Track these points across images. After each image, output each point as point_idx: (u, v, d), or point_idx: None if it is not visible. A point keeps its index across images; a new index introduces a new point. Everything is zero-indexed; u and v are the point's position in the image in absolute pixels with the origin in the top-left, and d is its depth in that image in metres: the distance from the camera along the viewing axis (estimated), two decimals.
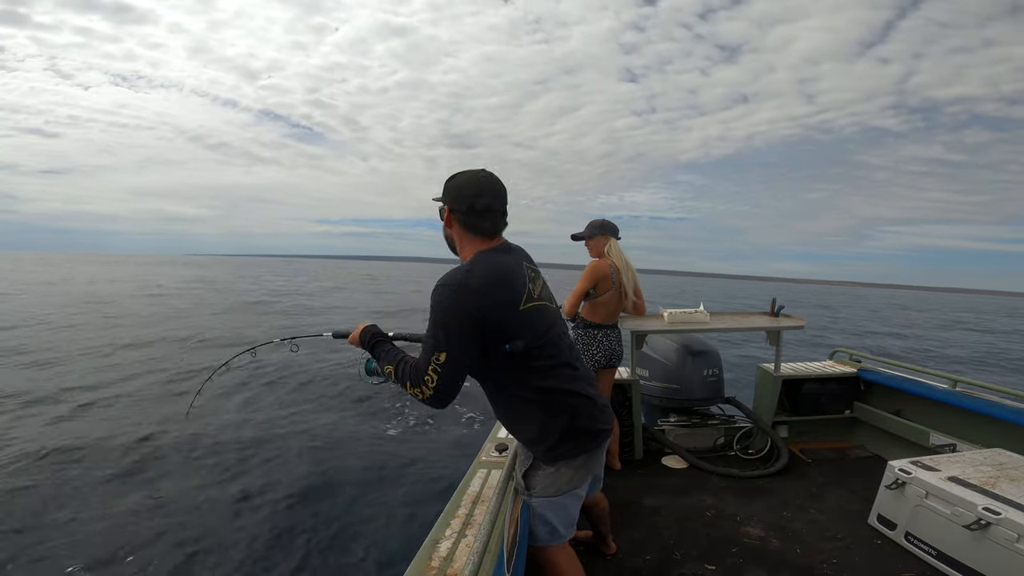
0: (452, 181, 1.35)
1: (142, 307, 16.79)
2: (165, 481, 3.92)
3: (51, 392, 6.19)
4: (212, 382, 2.04)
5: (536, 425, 1.35)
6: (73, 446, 4.44)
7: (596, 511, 2.06)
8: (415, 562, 1.15)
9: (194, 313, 15.48)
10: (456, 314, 1.19)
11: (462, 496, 1.49)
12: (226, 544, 3.12)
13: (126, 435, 4.73)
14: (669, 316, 3.16)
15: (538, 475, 1.41)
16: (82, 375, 7.15)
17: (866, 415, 3.42)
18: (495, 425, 2.15)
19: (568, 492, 1.41)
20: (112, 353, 8.71)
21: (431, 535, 1.27)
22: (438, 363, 1.19)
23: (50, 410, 5.52)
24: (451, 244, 1.42)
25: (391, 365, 1.32)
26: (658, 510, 2.60)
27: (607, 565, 2.15)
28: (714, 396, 3.53)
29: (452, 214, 1.35)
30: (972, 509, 1.94)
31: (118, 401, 5.95)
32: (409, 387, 1.25)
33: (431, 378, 1.20)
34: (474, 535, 1.24)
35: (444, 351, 1.19)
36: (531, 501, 1.44)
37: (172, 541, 3.12)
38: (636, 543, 2.30)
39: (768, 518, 2.52)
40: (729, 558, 2.19)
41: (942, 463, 2.30)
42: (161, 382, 6.91)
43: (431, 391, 1.21)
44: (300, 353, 7.10)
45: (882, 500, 2.38)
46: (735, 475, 2.99)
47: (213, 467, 4.17)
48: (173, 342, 9.99)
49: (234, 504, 3.58)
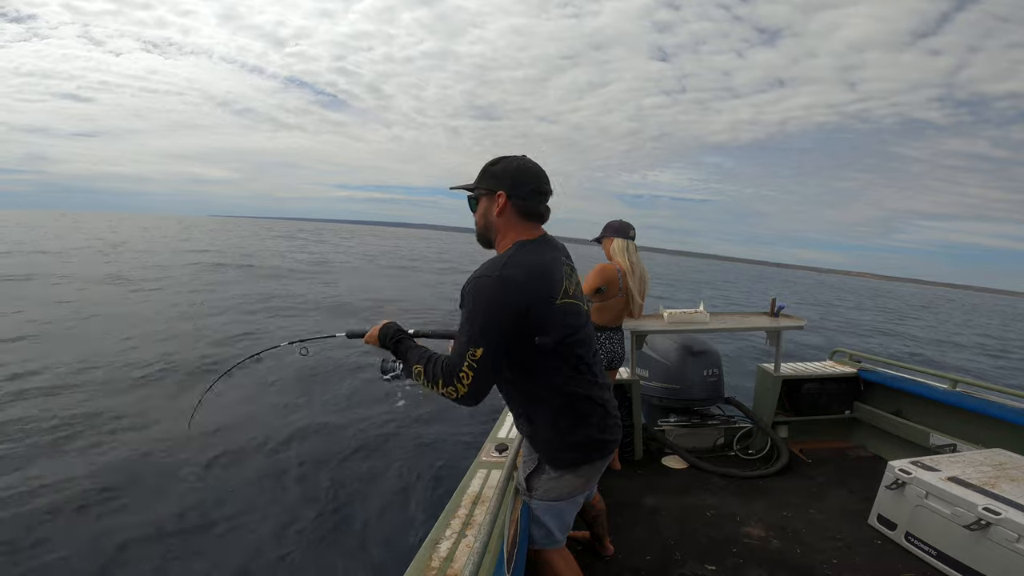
0: (502, 166, 1.29)
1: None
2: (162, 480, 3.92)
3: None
4: (213, 391, 1.98)
5: (549, 427, 1.31)
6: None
7: (593, 512, 2.05)
8: (415, 562, 1.15)
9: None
10: (496, 308, 1.14)
11: (462, 496, 1.49)
12: (226, 544, 3.11)
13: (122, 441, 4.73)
14: (669, 316, 3.16)
15: (541, 478, 1.39)
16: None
17: (866, 415, 3.42)
18: (495, 425, 2.15)
19: (567, 499, 1.41)
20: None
21: (431, 535, 1.27)
22: (474, 359, 1.14)
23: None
24: (486, 234, 1.35)
25: (419, 364, 1.24)
26: (658, 510, 2.60)
27: (607, 565, 2.15)
28: (714, 396, 3.53)
29: (510, 200, 1.27)
30: (972, 509, 1.94)
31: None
32: (441, 386, 1.18)
33: (466, 375, 1.14)
34: (474, 535, 1.24)
35: (481, 347, 1.13)
36: (530, 503, 1.44)
37: (170, 540, 3.12)
38: (636, 543, 2.30)
39: (768, 518, 2.52)
40: (729, 558, 2.19)
41: (942, 463, 2.30)
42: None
43: (466, 389, 1.15)
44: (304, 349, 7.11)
45: (882, 500, 2.38)
46: (735, 475, 2.99)
47: (213, 468, 4.17)
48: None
49: (234, 504, 3.58)
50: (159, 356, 6.81)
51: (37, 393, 5.24)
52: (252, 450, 4.54)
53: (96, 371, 6.10)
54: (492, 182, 1.29)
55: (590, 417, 1.31)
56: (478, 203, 1.33)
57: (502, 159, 1.31)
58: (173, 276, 15.31)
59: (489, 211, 1.31)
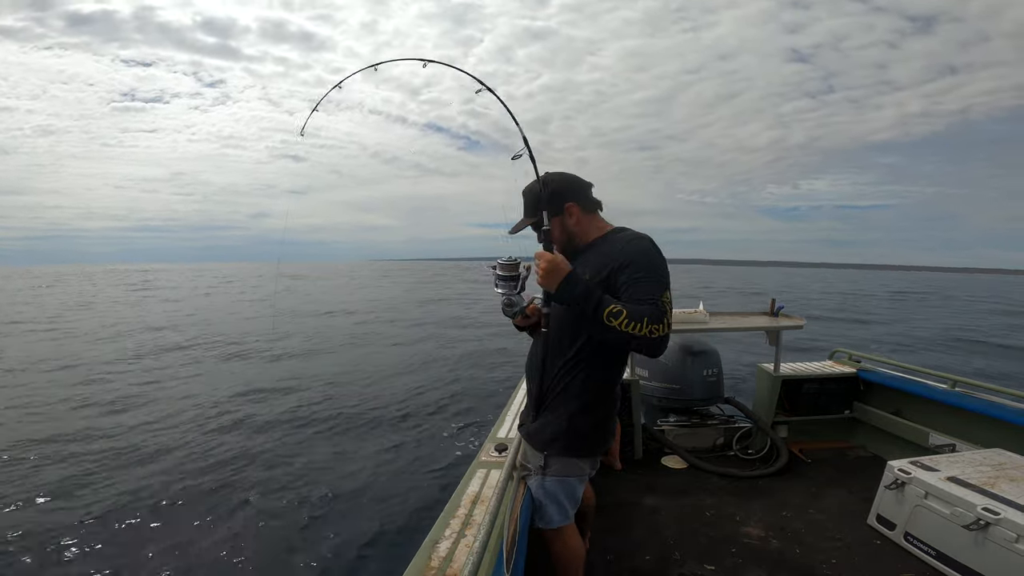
0: (555, 185, 1.42)
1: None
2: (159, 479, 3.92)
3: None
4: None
5: (601, 410, 1.46)
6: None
7: (582, 507, 2.07)
8: (415, 562, 1.15)
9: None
10: (663, 260, 1.31)
11: (462, 496, 1.49)
12: (226, 544, 3.12)
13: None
14: None
15: (560, 460, 1.46)
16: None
17: (866, 415, 3.42)
18: (495, 425, 2.15)
19: (579, 475, 1.50)
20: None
21: (431, 535, 1.27)
22: (667, 301, 1.24)
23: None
24: (571, 244, 1.46)
25: (616, 305, 1.20)
26: (658, 510, 2.60)
27: (607, 565, 2.15)
28: (714, 396, 3.54)
29: (578, 205, 1.43)
30: (971, 509, 1.94)
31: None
32: (646, 324, 1.17)
33: (668, 314, 1.23)
34: (474, 535, 1.24)
35: (667, 289, 1.26)
36: (544, 482, 1.47)
37: (167, 540, 3.12)
38: (636, 543, 2.30)
39: (768, 518, 2.52)
40: (729, 558, 2.19)
41: (941, 463, 2.30)
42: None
43: (668, 328, 1.22)
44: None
45: (882, 500, 2.38)
46: (735, 475, 2.99)
47: (213, 467, 4.17)
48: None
49: (234, 504, 3.58)
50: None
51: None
52: (251, 451, 4.54)
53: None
54: (556, 200, 1.41)
55: (614, 409, 1.52)
56: (547, 226, 1.39)
57: (545, 181, 1.42)
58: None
59: (565, 224, 1.44)
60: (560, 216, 1.42)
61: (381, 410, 5.89)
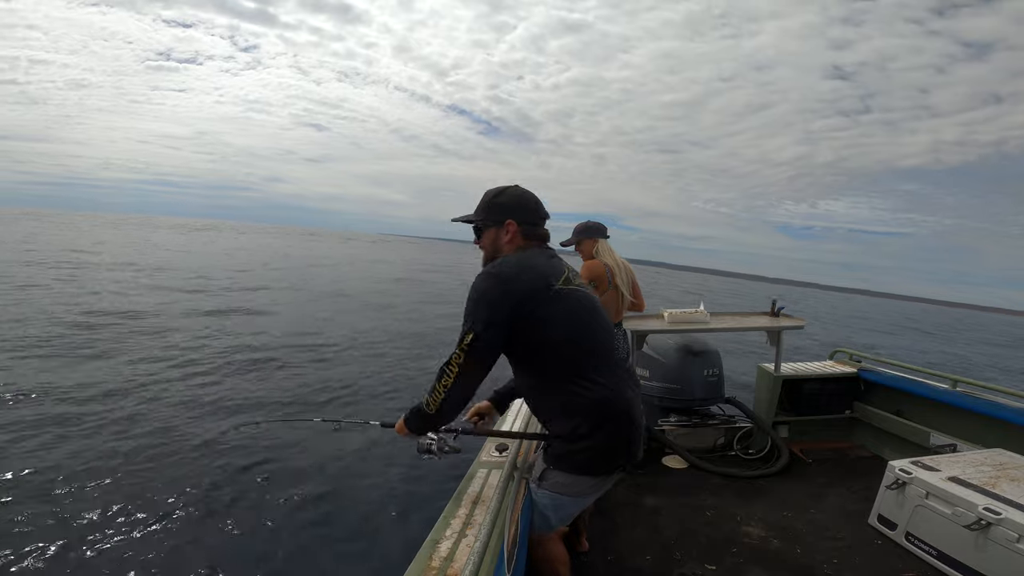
0: (507, 197, 1.41)
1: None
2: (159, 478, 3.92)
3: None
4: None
5: (581, 430, 1.29)
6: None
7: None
8: (415, 562, 1.15)
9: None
10: (489, 299, 1.24)
11: (462, 496, 1.49)
12: (225, 544, 3.11)
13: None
14: (669, 316, 3.16)
15: (555, 474, 1.41)
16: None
17: (866, 415, 3.42)
18: (495, 425, 2.14)
19: (574, 496, 1.43)
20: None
21: (431, 535, 1.27)
22: (465, 343, 1.22)
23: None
24: (497, 254, 1.43)
25: (421, 399, 1.36)
26: (658, 510, 2.60)
27: (608, 565, 2.15)
28: (714, 396, 3.53)
29: (520, 226, 1.39)
30: (972, 509, 1.94)
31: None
32: (437, 384, 1.28)
33: (458, 356, 1.22)
34: (474, 535, 1.24)
35: (472, 332, 1.22)
36: (536, 491, 1.46)
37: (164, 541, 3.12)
38: (636, 543, 2.30)
39: (768, 518, 2.52)
40: (729, 558, 2.19)
41: (942, 463, 2.30)
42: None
43: (457, 368, 1.23)
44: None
45: (882, 500, 2.38)
46: (735, 475, 2.98)
47: (211, 468, 4.17)
48: None
49: (234, 504, 3.57)
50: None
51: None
52: (251, 452, 4.54)
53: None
54: (500, 212, 1.40)
55: (617, 421, 1.29)
56: (484, 232, 1.43)
57: (504, 190, 1.43)
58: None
59: (498, 238, 1.41)
60: (498, 228, 1.40)
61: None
